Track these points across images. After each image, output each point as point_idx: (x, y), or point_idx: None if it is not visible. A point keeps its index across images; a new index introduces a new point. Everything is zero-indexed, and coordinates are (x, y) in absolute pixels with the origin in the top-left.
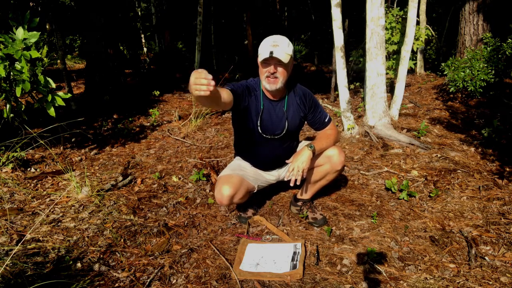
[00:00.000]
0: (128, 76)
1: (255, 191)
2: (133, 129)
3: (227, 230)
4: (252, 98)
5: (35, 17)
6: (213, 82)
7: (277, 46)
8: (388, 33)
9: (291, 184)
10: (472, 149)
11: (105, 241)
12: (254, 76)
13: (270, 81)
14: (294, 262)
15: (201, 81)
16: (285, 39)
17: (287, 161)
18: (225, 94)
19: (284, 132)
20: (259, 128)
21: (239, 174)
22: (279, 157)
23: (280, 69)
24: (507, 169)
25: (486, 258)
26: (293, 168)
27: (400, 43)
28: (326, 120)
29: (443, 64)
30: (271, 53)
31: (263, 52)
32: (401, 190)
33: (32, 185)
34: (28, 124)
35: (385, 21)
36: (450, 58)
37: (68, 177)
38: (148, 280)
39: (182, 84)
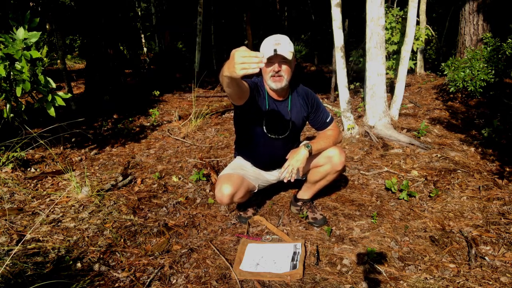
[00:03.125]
0: (128, 76)
1: (256, 190)
2: (133, 129)
3: (227, 230)
4: (259, 96)
5: (35, 17)
6: (265, 60)
7: (280, 44)
8: (388, 33)
9: (285, 181)
10: (472, 149)
11: (105, 241)
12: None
13: (276, 80)
14: (294, 262)
15: (251, 59)
16: (286, 37)
17: (286, 157)
18: (246, 83)
19: (288, 132)
20: (264, 127)
21: (240, 173)
22: (280, 157)
23: (284, 67)
24: (507, 169)
25: (486, 258)
26: (288, 166)
27: (400, 43)
28: (327, 120)
29: (443, 64)
30: (275, 51)
31: (266, 51)
32: (401, 190)
33: (32, 185)
34: (28, 124)
35: (385, 21)
36: (450, 58)
37: (68, 177)
38: (148, 280)
39: (182, 84)
